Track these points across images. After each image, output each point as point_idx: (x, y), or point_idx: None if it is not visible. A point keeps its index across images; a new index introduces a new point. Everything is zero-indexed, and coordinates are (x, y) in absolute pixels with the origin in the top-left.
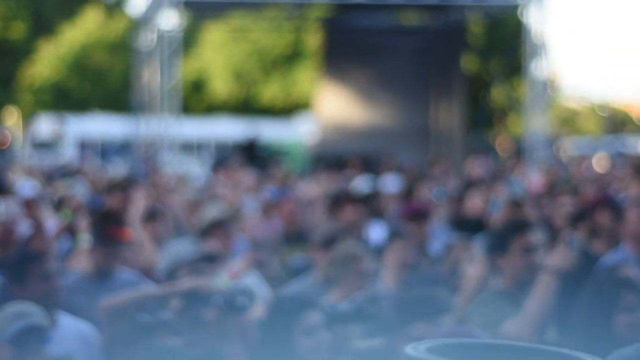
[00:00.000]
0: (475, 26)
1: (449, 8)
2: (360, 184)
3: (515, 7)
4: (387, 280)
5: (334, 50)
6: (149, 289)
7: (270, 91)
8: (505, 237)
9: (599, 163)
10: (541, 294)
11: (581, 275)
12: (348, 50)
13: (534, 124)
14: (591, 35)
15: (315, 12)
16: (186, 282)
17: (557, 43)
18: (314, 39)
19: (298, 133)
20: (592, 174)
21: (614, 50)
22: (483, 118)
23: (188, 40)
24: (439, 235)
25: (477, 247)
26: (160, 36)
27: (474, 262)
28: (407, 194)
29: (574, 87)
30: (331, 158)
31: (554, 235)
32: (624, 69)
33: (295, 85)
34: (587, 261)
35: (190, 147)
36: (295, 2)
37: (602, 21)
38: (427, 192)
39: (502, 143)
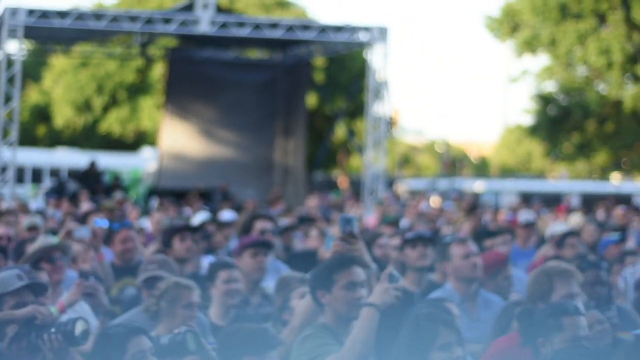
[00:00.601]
0: (320, 63)
1: (294, 44)
2: (199, 217)
3: (360, 45)
4: (214, 313)
5: (178, 82)
6: None
7: (113, 121)
8: (330, 272)
9: (435, 202)
10: (362, 329)
11: (402, 311)
12: (192, 82)
13: (374, 162)
14: (434, 76)
15: (161, 43)
16: (25, 309)
17: (399, 82)
18: (160, 70)
19: (139, 164)
20: (426, 212)
21: (454, 91)
22: (327, 155)
23: (34, 68)
24: (273, 269)
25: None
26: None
27: (303, 297)
28: (245, 228)
29: (415, 125)
30: (171, 191)
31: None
32: (463, 109)
33: (141, 115)
34: (408, 297)
35: (27, 176)
36: (140, 31)
37: (444, 62)
38: (267, 227)
39: (343, 180)
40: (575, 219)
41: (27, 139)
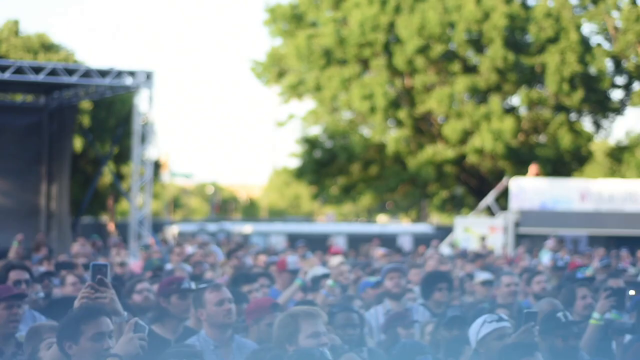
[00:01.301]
0: (87, 106)
1: (59, 87)
2: None
3: (126, 89)
4: None
5: None
6: None
7: None
8: (76, 323)
9: (203, 245)
10: None
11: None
12: None
13: (140, 206)
14: (203, 119)
15: None
16: None
17: (167, 125)
18: None
19: None
20: (191, 256)
21: (223, 134)
22: (94, 199)
23: None
24: (29, 318)
25: None
26: None
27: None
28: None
29: (184, 168)
30: None
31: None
32: (233, 152)
33: None
34: (163, 345)
35: None
36: None
37: (213, 106)
38: (22, 277)
39: (111, 225)
40: (335, 261)
41: None
